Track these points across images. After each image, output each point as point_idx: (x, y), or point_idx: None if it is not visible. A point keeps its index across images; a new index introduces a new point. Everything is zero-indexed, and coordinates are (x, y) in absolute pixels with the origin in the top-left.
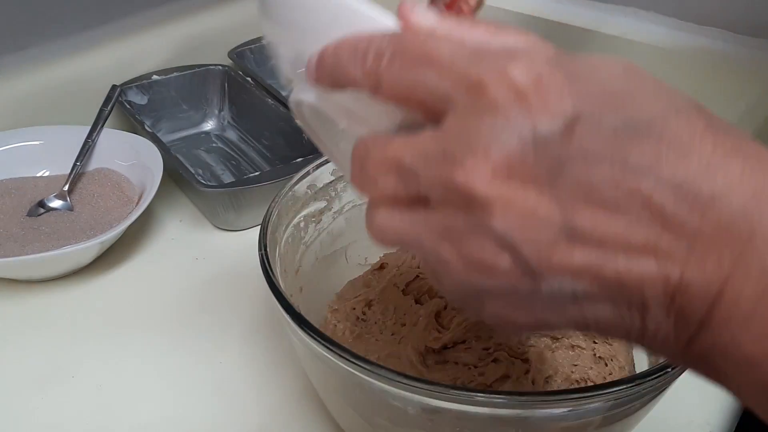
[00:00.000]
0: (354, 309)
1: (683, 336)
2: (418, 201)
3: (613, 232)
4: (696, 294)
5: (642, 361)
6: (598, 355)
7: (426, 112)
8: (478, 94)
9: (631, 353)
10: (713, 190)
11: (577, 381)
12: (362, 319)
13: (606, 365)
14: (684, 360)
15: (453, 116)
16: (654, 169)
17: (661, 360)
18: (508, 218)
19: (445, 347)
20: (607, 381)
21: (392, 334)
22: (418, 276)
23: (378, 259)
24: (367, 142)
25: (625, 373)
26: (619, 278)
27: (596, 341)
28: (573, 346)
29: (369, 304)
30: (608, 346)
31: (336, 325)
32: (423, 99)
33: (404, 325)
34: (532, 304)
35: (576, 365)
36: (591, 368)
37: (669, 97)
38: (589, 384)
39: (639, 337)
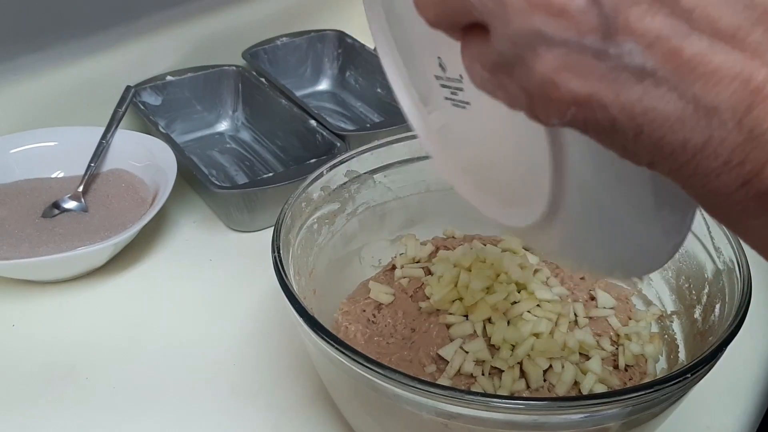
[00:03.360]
0: (364, 311)
1: (751, 164)
2: None
3: (705, 4)
4: None
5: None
6: (617, 361)
7: None
8: None
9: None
10: None
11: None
12: (373, 322)
13: (626, 370)
14: (734, 207)
15: None
16: None
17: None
18: None
19: None
20: (626, 387)
21: (403, 338)
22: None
23: (390, 260)
24: None
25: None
26: (695, 62)
27: (618, 345)
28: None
29: (379, 307)
30: (630, 355)
31: (347, 327)
32: None
33: (414, 330)
34: (592, 68)
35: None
36: (610, 374)
37: None
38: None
39: (695, 153)
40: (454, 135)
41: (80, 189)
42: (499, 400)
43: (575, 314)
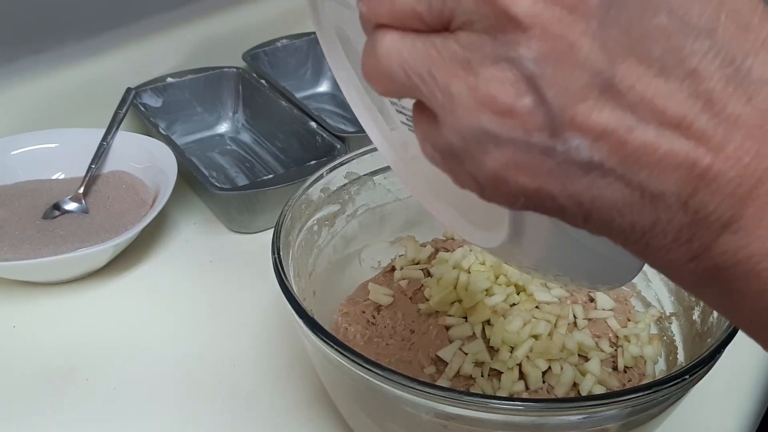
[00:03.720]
0: (364, 312)
1: (698, 242)
2: (436, 29)
3: (651, 96)
4: (724, 189)
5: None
6: (617, 363)
7: None
8: None
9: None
10: (764, 73)
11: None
12: (372, 323)
13: (625, 372)
14: (688, 277)
15: None
16: (711, 33)
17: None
18: (543, 49)
19: None
20: (625, 388)
21: (402, 340)
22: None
23: (390, 261)
24: None
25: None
26: (642, 151)
27: (617, 347)
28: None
29: (378, 309)
30: (629, 356)
31: (347, 328)
32: None
33: (413, 332)
34: (540, 165)
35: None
36: (609, 376)
37: None
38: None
39: (644, 233)
40: (413, 155)
41: (81, 190)
42: (498, 402)
43: (574, 316)
